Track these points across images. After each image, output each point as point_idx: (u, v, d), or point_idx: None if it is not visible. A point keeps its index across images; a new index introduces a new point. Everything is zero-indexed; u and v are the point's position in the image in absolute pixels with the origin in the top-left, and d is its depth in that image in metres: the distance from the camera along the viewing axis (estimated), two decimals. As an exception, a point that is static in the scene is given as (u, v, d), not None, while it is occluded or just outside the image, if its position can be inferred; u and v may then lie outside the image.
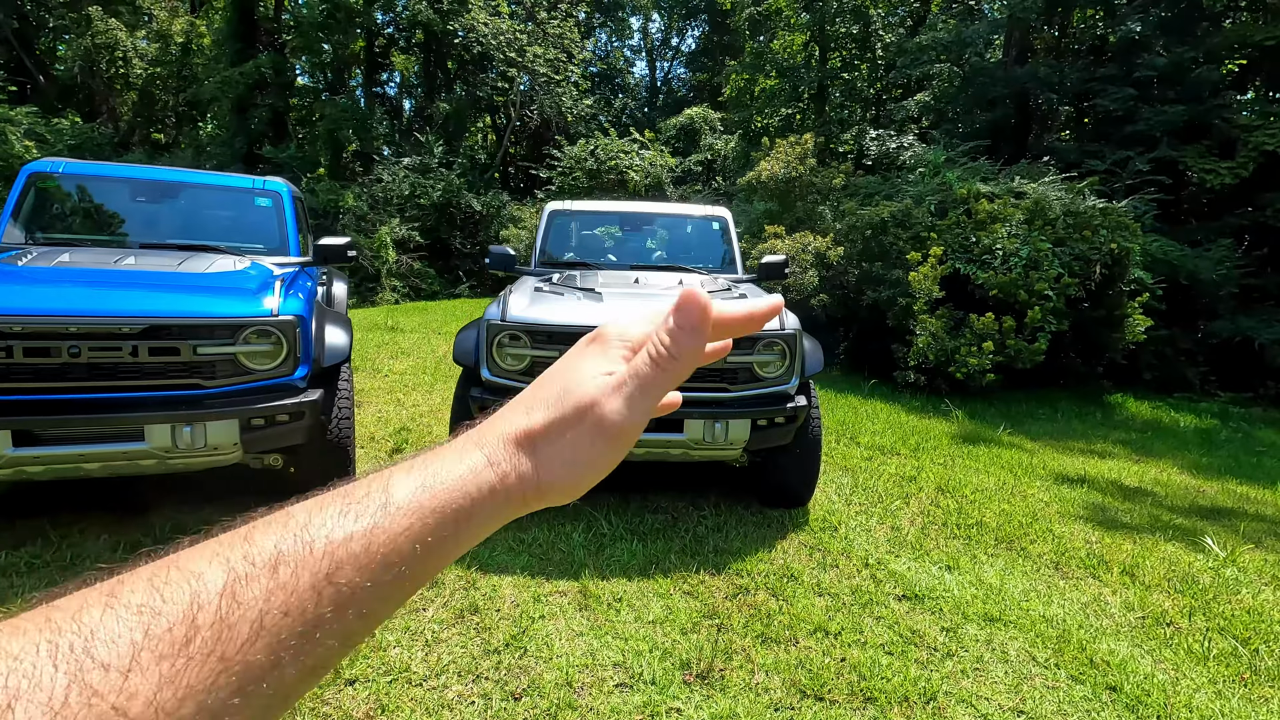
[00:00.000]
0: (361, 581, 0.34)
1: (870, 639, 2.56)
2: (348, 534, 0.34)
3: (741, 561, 3.13)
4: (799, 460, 3.57)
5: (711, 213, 4.74)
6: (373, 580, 0.34)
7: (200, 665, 0.28)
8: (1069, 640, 2.58)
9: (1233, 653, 2.58)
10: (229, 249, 3.74)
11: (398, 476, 0.37)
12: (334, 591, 0.33)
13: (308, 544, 0.33)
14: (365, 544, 0.34)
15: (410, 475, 0.38)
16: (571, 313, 3.26)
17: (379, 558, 0.34)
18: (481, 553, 3.11)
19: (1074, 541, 3.56)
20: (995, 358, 7.08)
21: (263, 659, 0.30)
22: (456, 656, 2.37)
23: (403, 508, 0.36)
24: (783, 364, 3.28)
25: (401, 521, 0.35)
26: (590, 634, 2.54)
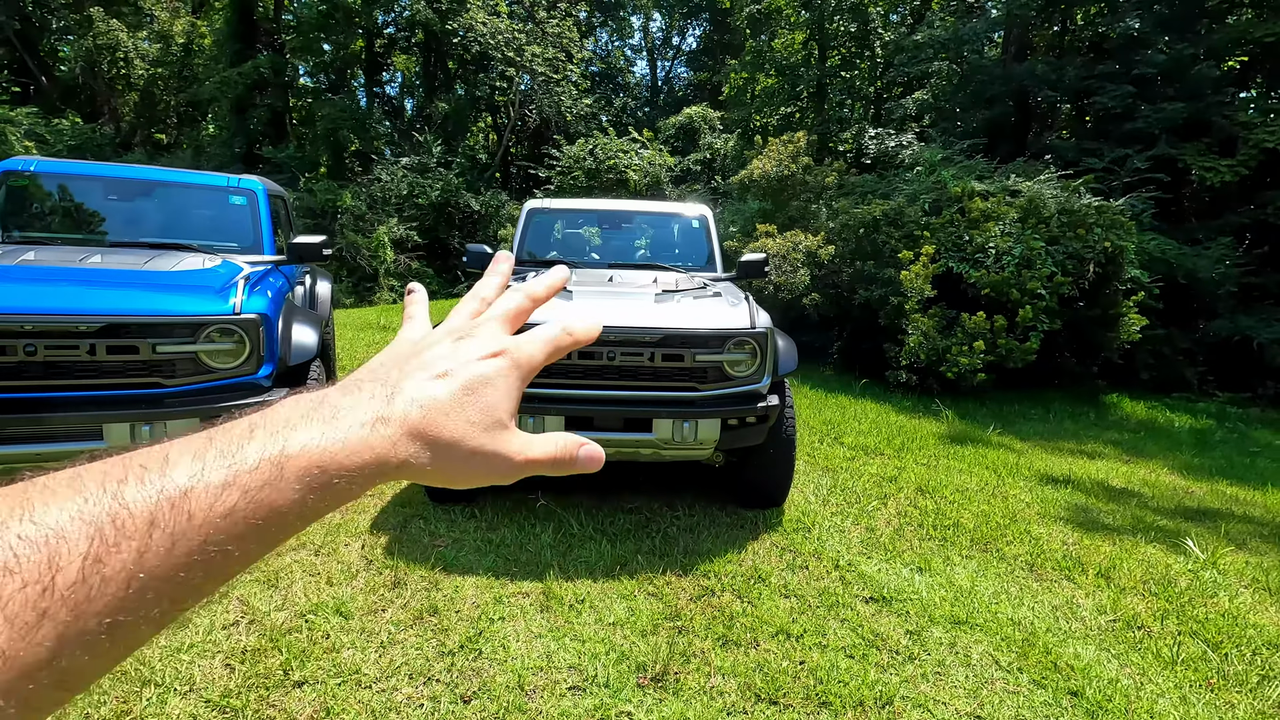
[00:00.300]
0: (234, 549, 0.33)
1: (832, 642, 2.52)
2: (230, 507, 0.32)
3: (710, 562, 3.10)
4: (773, 460, 3.53)
5: (692, 211, 4.71)
6: (243, 547, 0.33)
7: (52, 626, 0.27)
8: (1035, 644, 2.53)
9: (1202, 657, 2.53)
10: (201, 247, 3.73)
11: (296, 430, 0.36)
12: (205, 559, 0.32)
13: (186, 512, 0.31)
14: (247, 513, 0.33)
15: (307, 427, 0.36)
16: (540, 311, 3.22)
17: (260, 529, 0.33)
18: (448, 553, 3.09)
19: (1051, 543, 3.52)
20: (986, 357, 7.02)
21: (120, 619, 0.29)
22: (410, 658, 2.34)
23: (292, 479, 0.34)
24: (753, 363, 3.25)
25: (289, 492, 0.34)
26: (549, 635, 2.51)
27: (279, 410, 0.37)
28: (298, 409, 0.37)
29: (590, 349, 3.13)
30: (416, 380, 0.41)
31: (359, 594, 2.73)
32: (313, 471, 0.35)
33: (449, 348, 0.44)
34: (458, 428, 0.40)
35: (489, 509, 3.56)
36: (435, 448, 0.39)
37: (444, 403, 0.40)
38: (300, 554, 3.03)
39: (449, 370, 0.42)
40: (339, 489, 0.36)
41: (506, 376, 0.43)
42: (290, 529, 0.35)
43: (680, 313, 3.26)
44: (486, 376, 0.42)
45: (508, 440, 0.42)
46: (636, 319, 3.16)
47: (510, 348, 0.45)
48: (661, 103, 28.61)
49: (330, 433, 0.36)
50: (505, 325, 0.47)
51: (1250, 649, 2.61)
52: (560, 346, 0.48)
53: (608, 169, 16.55)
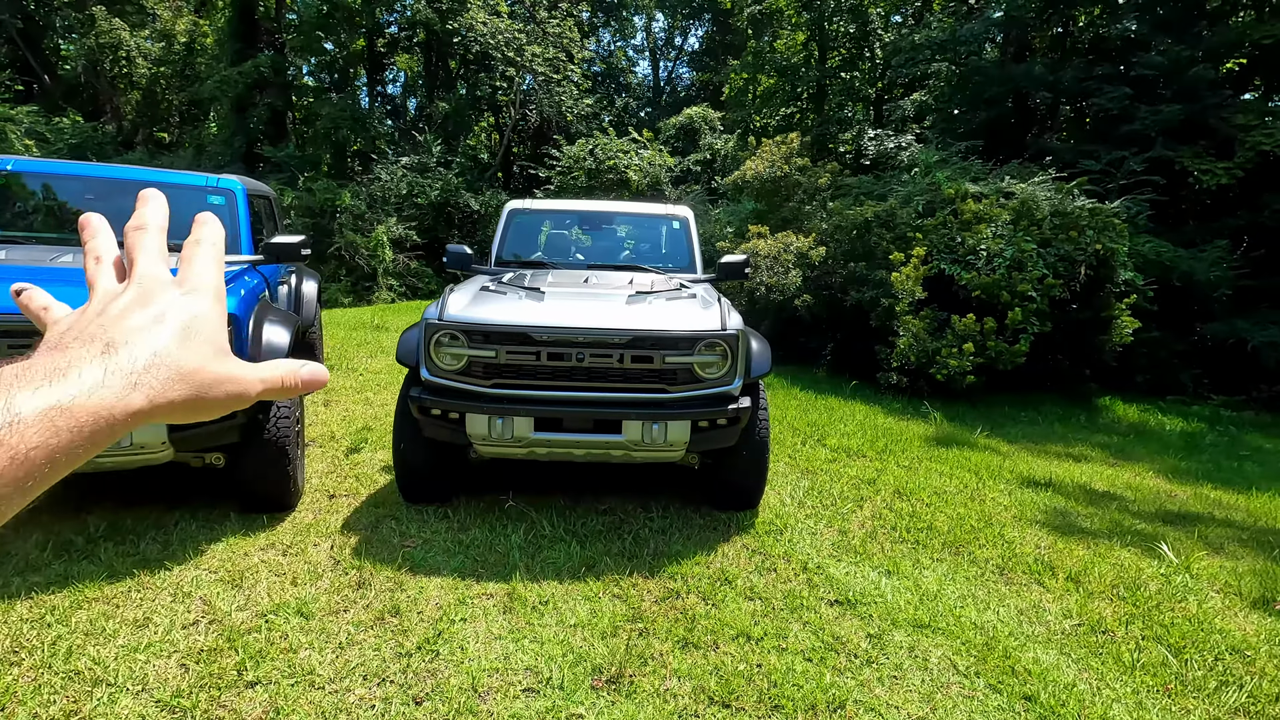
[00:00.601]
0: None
1: (792, 645, 2.52)
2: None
3: (678, 564, 3.10)
4: (746, 462, 3.53)
5: (672, 212, 4.71)
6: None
7: None
8: (994, 648, 2.53)
9: (1162, 662, 2.52)
10: (176, 247, 3.73)
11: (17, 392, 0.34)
12: None
13: None
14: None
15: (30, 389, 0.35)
16: (509, 312, 3.23)
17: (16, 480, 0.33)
18: (416, 553, 3.10)
19: (1024, 546, 3.51)
20: (976, 359, 7.00)
21: None
22: (367, 659, 2.35)
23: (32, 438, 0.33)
24: (724, 365, 3.24)
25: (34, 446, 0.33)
26: (508, 637, 2.51)
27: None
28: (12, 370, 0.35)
29: (559, 350, 3.13)
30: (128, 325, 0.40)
31: (323, 594, 2.73)
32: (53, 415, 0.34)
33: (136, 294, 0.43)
34: (194, 358, 0.41)
35: (461, 510, 3.57)
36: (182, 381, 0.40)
37: (169, 338, 0.41)
38: (268, 554, 3.04)
39: (158, 312, 0.42)
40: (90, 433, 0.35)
41: (212, 307, 0.45)
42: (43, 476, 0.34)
43: (651, 314, 3.26)
44: (195, 311, 0.43)
45: (235, 365, 0.43)
46: (606, 320, 3.16)
47: (192, 278, 0.46)
48: (664, 103, 28.61)
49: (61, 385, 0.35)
50: (163, 264, 0.46)
51: (1212, 654, 2.60)
52: (221, 253, 0.50)
53: (608, 169, 16.56)
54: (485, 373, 3.17)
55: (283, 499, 3.42)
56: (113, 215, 2.02)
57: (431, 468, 3.51)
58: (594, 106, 22.43)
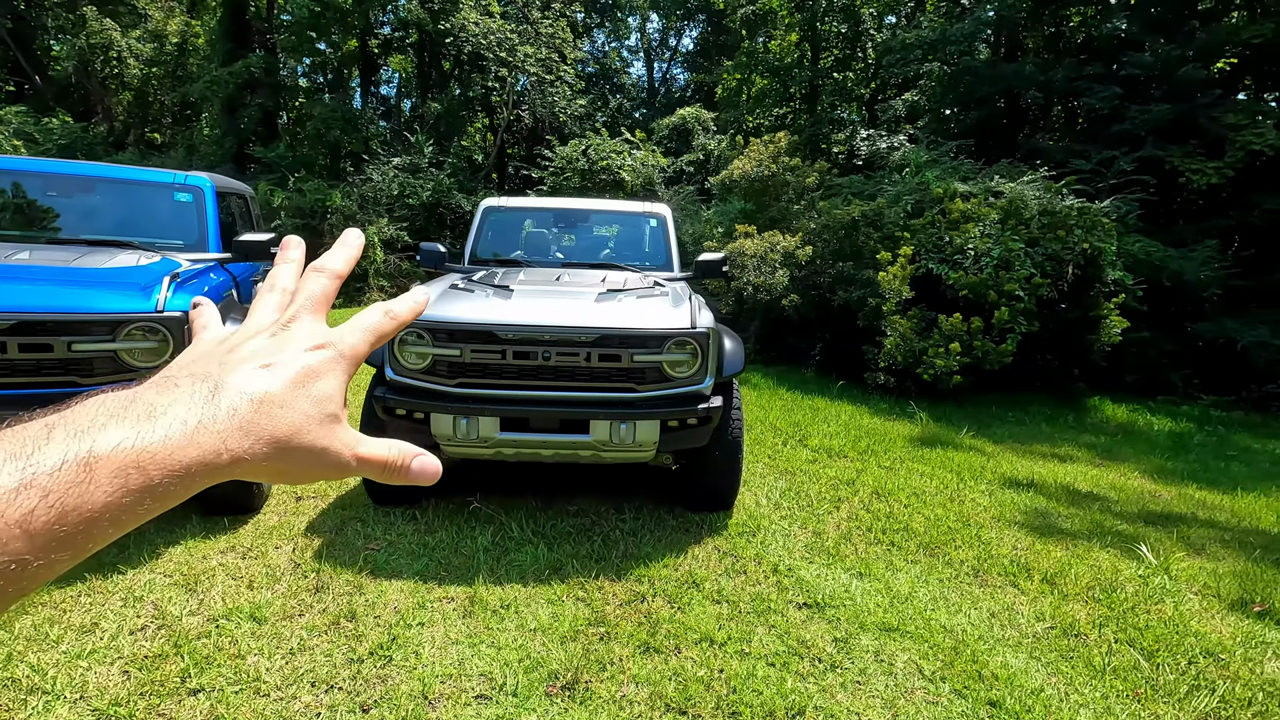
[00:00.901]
0: (33, 559, 0.30)
1: (756, 650, 2.46)
2: (26, 513, 0.29)
3: (646, 567, 3.04)
4: (719, 463, 3.47)
5: (650, 210, 4.65)
6: (45, 556, 0.30)
7: None
8: (963, 652, 2.47)
9: (1134, 666, 2.47)
10: (142, 245, 3.67)
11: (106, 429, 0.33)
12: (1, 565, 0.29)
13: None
14: (49, 519, 0.30)
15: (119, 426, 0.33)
16: (475, 310, 3.17)
17: (64, 537, 0.31)
18: (378, 556, 3.04)
19: (1001, 548, 3.45)
20: (963, 359, 6.96)
21: None
22: (317, 665, 2.28)
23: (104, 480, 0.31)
24: (694, 364, 3.19)
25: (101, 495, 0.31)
26: (465, 642, 2.45)
27: (83, 409, 0.34)
28: (105, 408, 0.34)
29: (525, 349, 3.07)
30: (242, 373, 0.39)
31: (278, 598, 2.67)
32: (129, 472, 0.32)
33: (269, 341, 0.42)
34: (293, 420, 0.39)
35: (429, 511, 3.51)
36: (271, 443, 0.38)
37: (277, 394, 0.39)
38: (227, 557, 2.98)
39: (275, 362, 0.40)
40: (163, 491, 0.33)
41: (334, 368, 0.42)
42: (103, 536, 0.32)
43: (619, 312, 3.20)
44: (314, 368, 0.41)
45: (341, 434, 0.41)
46: (573, 318, 3.11)
47: (334, 339, 0.43)
48: (659, 104, 28.56)
49: (148, 431, 0.33)
50: (318, 313, 0.45)
51: (1186, 658, 2.54)
52: (383, 332, 0.46)
53: (601, 170, 16.52)
54: (450, 372, 3.11)
55: (246, 501, 3.36)
56: (75, 210, 2.00)
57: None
58: (588, 107, 22.38)
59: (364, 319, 0.46)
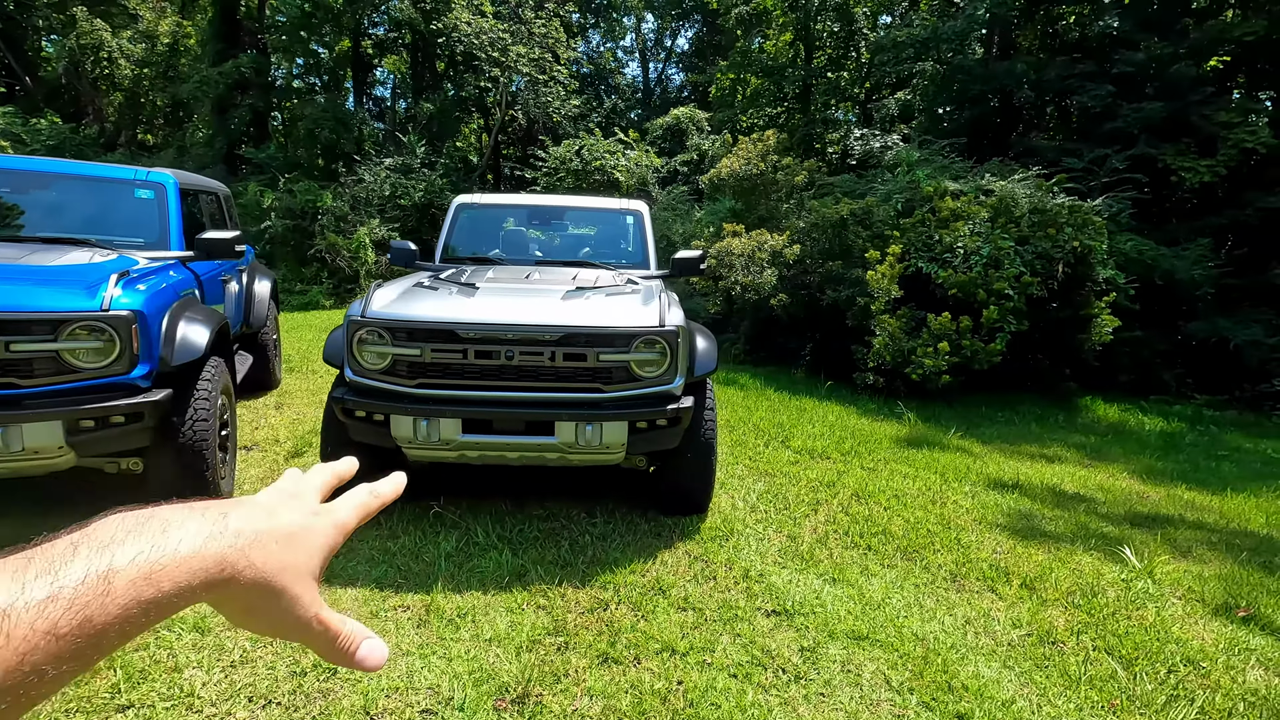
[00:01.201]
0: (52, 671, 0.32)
1: (718, 660, 2.36)
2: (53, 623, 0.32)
3: (613, 573, 2.94)
4: (691, 465, 3.38)
5: (626, 206, 4.56)
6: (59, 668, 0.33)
7: None
8: (933, 661, 2.38)
9: (1111, 676, 2.37)
10: (100, 242, 3.58)
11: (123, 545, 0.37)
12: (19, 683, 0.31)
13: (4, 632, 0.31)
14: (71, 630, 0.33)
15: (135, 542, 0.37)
16: (436, 308, 3.08)
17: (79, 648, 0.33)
18: (335, 562, 2.94)
19: (981, 552, 3.36)
20: (951, 359, 6.87)
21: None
22: (257, 679, 2.19)
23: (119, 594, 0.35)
24: (663, 362, 3.09)
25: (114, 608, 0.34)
26: (417, 653, 2.36)
27: (104, 526, 0.38)
28: (124, 525, 0.38)
29: (487, 348, 2.98)
30: (251, 512, 0.44)
31: (226, 607, 2.57)
32: (139, 584, 0.35)
33: (279, 497, 0.49)
34: (279, 564, 0.43)
35: (394, 516, 3.41)
36: (254, 579, 0.41)
37: (272, 535, 0.44)
38: (179, 564, 2.87)
39: (280, 512, 0.46)
40: (166, 603, 0.36)
41: (325, 531, 0.48)
42: (109, 647, 0.35)
43: (585, 310, 3.11)
44: (309, 526, 0.47)
45: (311, 590, 0.45)
46: (537, 316, 3.01)
47: (327, 509, 0.50)
48: (655, 104, 28.47)
49: (161, 545, 0.37)
50: (318, 496, 0.52)
51: (1165, 667, 2.45)
52: (368, 508, 0.54)
53: (595, 170, 16.44)
54: (410, 372, 3.02)
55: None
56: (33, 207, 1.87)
57: (362, 472, 3.34)
58: (582, 107, 22.29)
59: (352, 497, 0.53)
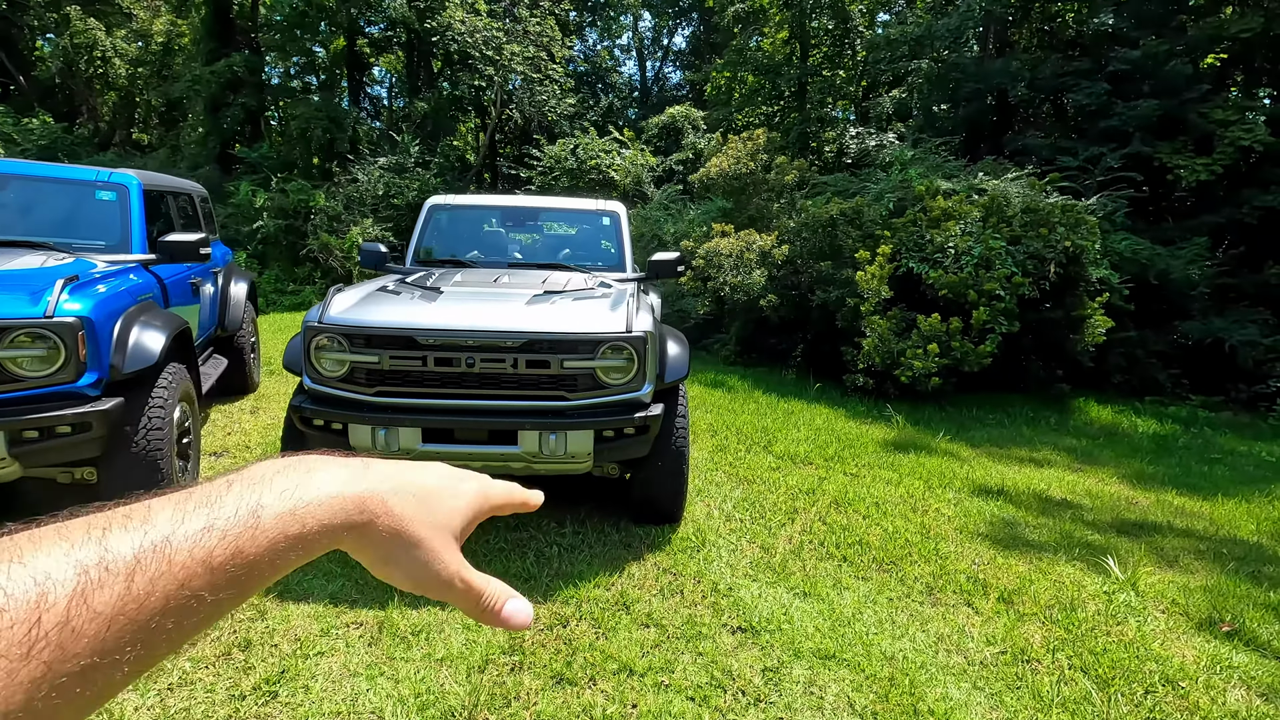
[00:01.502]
0: (208, 596, 0.34)
1: (677, 681, 2.28)
2: (208, 551, 0.34)
3: (577, 587, 2.86)
4: (662, 474, 3.29)
5: (602, 207, 4.47)
6: (217, 594, 0.34)
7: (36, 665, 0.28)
8: (900, 683, 2.29)
9: (1085, 697, 2.28)
10: (57, 245, 3.49)
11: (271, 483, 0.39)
12: (181, 604, 0.33)
13: (167, 557, 0.33)
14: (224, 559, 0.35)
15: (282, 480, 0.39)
16: (396, 313, 2.99)
17: (234, 576, 0.35)
18: (291, 576, 2.85)
19: (959, 563, 3.27)
20: (941, 360, 6.77)
21: (98, 661, 0.30)
22: (195, 703, 2.10)
23: (267, 528, 0.36)
24: (631, 369, 3.00)
25: (264, 541, 0.36)
26: (364, 674, 2.27)
27: (257, 468, 0.40)
28: (274, 466, 0.40)
29: (448, 355, 2.89)
30: (395, 466, 0.45)
31: (172, 625, 2.48)
32: (285, 519, 0.37)
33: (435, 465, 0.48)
34: (417, 516, 0.43)
35: (359, 526, 3.32)
36: (392, 526, 0.41)
37: (414, 489, 0.44)
38: (129, 578, 2.79)
39: (427, 470, 0.46)
40: (311, 541, 0.38)
41: (469, 495, 0.47)
42: (262, 578, 0.37)
43: (549, 315, 3.02)
44: (454, 488, 0.47)
45: (452, 551, 0.44)
46: (498, 322, 2.92)
47: (483, 480, 0.51)
48: (652, 102, 28.34)
49: (305, 485, 0.39)
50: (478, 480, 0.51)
51: (1143, 687, 2.36)
52: (513, 497, 0.53)
53: (590, 169, 16.35)
54: (369, 380, 2.93)
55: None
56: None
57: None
58: (578, 106, 22.18)
59: (508, 485, 0.53)
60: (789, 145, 13.55)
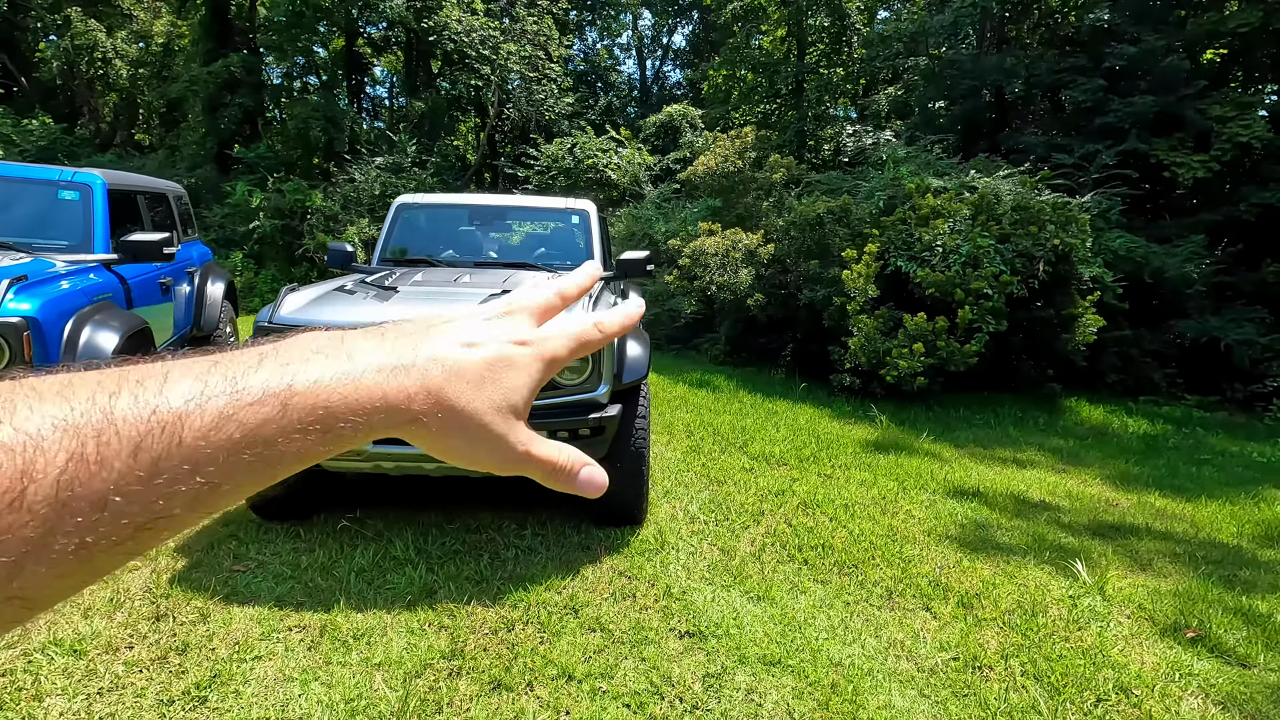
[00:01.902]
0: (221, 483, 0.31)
1: (615, 687, 2.24)
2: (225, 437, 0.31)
3: (527, 591, 2.82)
4: (621, 476, 3.24)
5: (572, 205, 4.43)
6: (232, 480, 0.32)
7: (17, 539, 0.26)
8: (843, 690, 2.24)
9: (1033, 706, 2.23)
10: (17, 245, 3.47)
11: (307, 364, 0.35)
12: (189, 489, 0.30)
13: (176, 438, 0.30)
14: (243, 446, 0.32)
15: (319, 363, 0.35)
16: (345, 313, 2.96)
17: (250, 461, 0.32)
18: (242, 579, 2.82)
19: (923, 566, 3.22)
20: (926, 360, 6.71)
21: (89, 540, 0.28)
22: (122, 708, 2.07)
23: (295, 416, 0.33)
24: (585, 369, 2.96)
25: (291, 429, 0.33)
26: (299, 678, 2.24)
27: (292, 343, 0.37)
28: (312, 344, 0.37)
29: (398, 355, 2.85)
30: (443, 342, 0.40)
31: (111, 628, 2.46)
32: (318, 411, 0.34)
33: (479, 324, 0.43)
34: (475, 400, 0.40)
35: (317, 529, 3.30)
36: (449, 413, 0.39)
37: (468, 371, 0.40)
38: (76, 580, 2.76)
39: (478, 342, 0.41)
40: (343, 432, 0.35)
41: (529, 365, 0.43)
42: (286, 468, 0.34)
43: (502, 315, 2.97)
44: (512, 359, 0.42)
45: (517, 429, 0.42)
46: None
47: (537, 339, 0.44)
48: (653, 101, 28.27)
49: (344, 371, 0.35)
50: (534, 317, 0.45)
51: (1095, 695, 2.31)
52: (588, 341, 0.47)
53: (587, 168, 16.32)
54: (319, 380, 2.89)
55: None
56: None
57: (282, 483, 3.23)
58: (576, 105, 22.15)
59: (571, 325, 0.46)
60: (786, 143, 13.49)
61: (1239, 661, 2.64)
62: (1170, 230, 10.25)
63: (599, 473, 0.45)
